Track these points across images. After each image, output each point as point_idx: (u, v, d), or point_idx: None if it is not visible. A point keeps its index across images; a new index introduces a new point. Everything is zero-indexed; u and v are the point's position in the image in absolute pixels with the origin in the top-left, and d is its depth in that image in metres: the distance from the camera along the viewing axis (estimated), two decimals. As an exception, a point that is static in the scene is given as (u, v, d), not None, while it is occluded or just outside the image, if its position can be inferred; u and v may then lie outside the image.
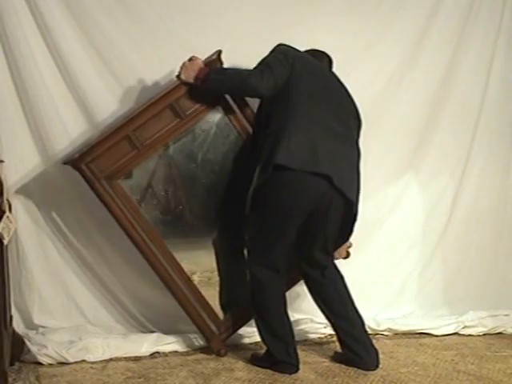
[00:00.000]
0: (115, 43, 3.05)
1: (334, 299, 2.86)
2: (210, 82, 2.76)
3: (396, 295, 3.51)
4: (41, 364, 2.81)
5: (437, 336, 3.33)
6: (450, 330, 3.37)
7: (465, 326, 3.39)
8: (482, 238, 3.59)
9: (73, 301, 3.16)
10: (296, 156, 2.63)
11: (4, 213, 2.49)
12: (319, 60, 2.92)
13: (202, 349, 3.03)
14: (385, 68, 3.40)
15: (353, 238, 2.88)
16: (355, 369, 2.80)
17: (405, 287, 3.53)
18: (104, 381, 2.67)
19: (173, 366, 2.86)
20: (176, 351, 3.03)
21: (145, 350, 2.98)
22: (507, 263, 3.62)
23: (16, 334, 2.87)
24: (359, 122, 2.88)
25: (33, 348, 2.84)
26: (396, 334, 3.35)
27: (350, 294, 2.87)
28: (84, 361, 2.86)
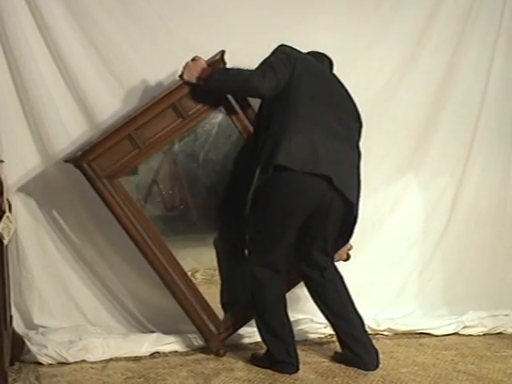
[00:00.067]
0: (115, 43, 3.05)
1: (333, 300, 2.86)
2: (213, 82, 2.76)
3: (396, 295, 3.51)
4: (41, 364, 2.81)
5: (437, 336, 3.33)
6: (450, 330, 3.37)
7: (465, 326, 3.39)
8: (481, 238, 3.59)
9: (73, 301, 3.16)
10: (296, 157, 2.63)
11: (4, 213, 2.49)
12: (320, 62, 2.92)
13: (201, 349, 3.03)
14: (385, 68, 3.40)
15: (353, 239, 2.88)
16: (355, 369, 2.80)
17: (405, 287, 3.53)
18: (104, 381, 2.67)
19: (173, 365, 2.86)
20: (176, 351, 3.02)
21: (145, 349, 2.98)
22: (507, 263, 3.62)
23: (16, 333, 2.87)
24: (360, 124, 2.88)
25: (33, 348, 2.84)
26: (396, 334, 3.35)
27: (349, 295, 2.87)
28: (84, 361, 2.86)
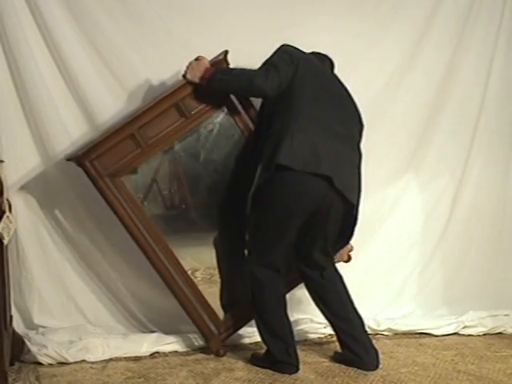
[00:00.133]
0: (115, 43, 3.06)
1: (333, 300, 2.86)
2: (216, 82, 2.76)
3: (396, 295, 3.51)
4: (41, 364, 2.81)
5: (437, 336, 3.33)
6: (450, 330, 3.36)
7: (465, 326, 3.38)
8: (481, 238, 3.59)
9: (73, 301, 3.16)
10: (298, 156, 2.63)
11: (4, 213, 2.49)
12: (321, 62, 2.92)
13: (201, 349, 3.03)
14: (385, 68, 3.40)
15: (353, 239, 2.88)
16: (355, 369, 2.80)
17: (405, 287, 3.53)
18: (104, 381, 2.67)
19: (173, 365, 2.86)
20: (176, 351, 3.02)
21: (145, 349, 2.98)
22: (507, 263, 3.62)
23: (16, 333, 2.87)
24: (361, 125, 2.88)
25: (33, 348, 2.84)
26: (396, 334, 3.35)
27: (349, 295, 2.87)
28: (84, 361, 2.86)
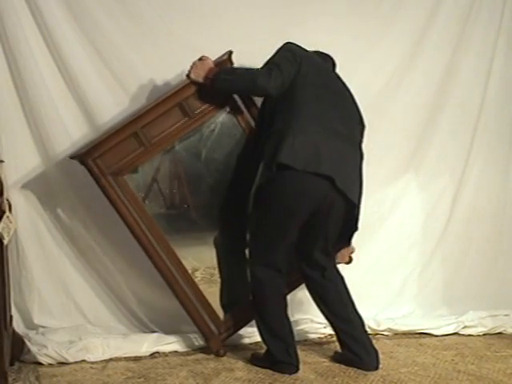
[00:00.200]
0: (115, 43, 3.06)
1: (334, 301, 2.86)
2: (220, 82, 2.76)
3: (396, 295, 3.51)
4: (41, 364, 2.81)
5: (437, 336, 3.33)
6: (450, 330, 3.36)
7: (465, 326, 3.38)
8: (481, 238, 3.59)
9: (73, 301, 3.16)
10: (299, 156, 2.63)
11: (4, 213, 2.49)
12: (324, 61, 2.91)
13: (201, 349, 3.03)
14: (384, 68, 3.40)
15: (353, 239, 2.88)
16: (355, 369, 2.80)
17: (405, 287, 3.53)
18: (104, 381, 2.67)
19: (173, 365, 2.85)
20: (176, 351, 3.02)
21: (145, 349, 2.98)
22: (507, 263, 3.62)
23: (16, 333, 2.87)
24: (362, 125, 2.88)
25: (33, 348, 2.84)
26: (396, 334, 3.34)
27: (350, 295, 2.87)
28: (84, 361, 2.86)
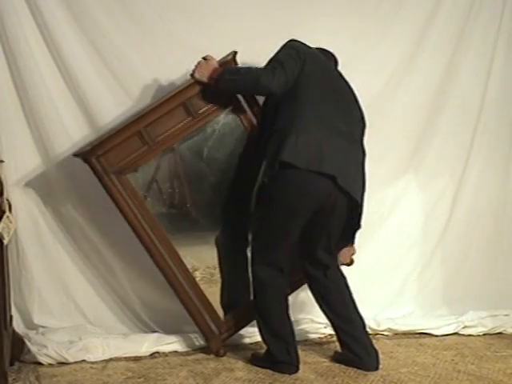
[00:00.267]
0: (115, 43, 3.06)
1: (336, 300, 2.86)
2: (224, 82, 2.76)
3: (396, 295, 3.51)
4: (41, 364, 2.81)
5: (437, 336, 3.33)
6: (450, 330, 3.37)
7: (465, 326, 3.39)
8: (481, 238, 3.59)
9: (73, 300, 3.15)
10: (302, 155, 2.62)
11: (4, 213, 2.49)
12: (327, 59, 2.91)
13: (201, 349, 3.03)
14: (384, 69, 3.40)
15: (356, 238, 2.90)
16: (355, 369, 2.80)
17: (405, 287, 3.53)
18: (104, 381, 2.67)
19: (173, 365, 2.85)
20: (176, 351, 3.02)
21: (145, 349, 2.98)
22: (507, 263, 3.62)
23: (16, 333, 2.87)
24: (363, 124, 2.88)
25: (33, 348, 2.83)
26: (396, 334, 3.35)
27: (352, 295, 2.87)
28: (84, 361, 2.86)
